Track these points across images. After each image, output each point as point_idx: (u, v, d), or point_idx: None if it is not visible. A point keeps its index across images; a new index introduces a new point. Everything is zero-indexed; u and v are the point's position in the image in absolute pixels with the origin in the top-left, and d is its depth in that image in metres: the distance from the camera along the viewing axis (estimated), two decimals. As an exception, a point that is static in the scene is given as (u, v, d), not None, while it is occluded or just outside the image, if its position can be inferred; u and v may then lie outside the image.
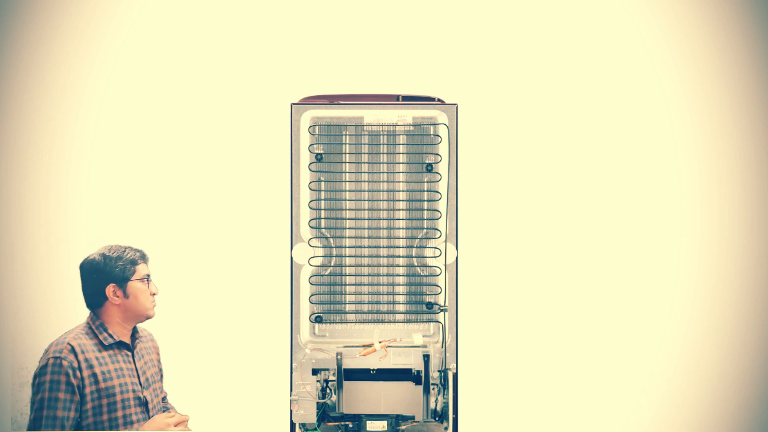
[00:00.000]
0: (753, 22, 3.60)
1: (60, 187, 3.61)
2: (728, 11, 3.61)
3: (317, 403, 2.57)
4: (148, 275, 2.52)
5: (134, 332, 2.55)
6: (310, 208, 2.63)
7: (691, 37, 3.62)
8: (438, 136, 2.63)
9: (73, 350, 2.33)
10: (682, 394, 3.62)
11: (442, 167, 2.62)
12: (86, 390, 2.32)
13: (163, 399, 2.74)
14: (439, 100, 2.67)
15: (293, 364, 2.59)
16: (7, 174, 3.57)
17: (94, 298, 2.46)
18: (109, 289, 2.44)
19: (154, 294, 2.53)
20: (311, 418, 2.56)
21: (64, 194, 3.61)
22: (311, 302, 2.63)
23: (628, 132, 3.64)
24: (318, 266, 2.64)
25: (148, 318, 2.52)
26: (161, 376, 2.70)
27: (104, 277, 2.45)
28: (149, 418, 2.47)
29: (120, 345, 2.47)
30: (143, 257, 2.53)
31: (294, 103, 2.62)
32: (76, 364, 2.31)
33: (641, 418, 3.62)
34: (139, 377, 2.48)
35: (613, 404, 3.62)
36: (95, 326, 2.44)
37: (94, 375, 2.34)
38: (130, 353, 2.49)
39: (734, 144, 3.62)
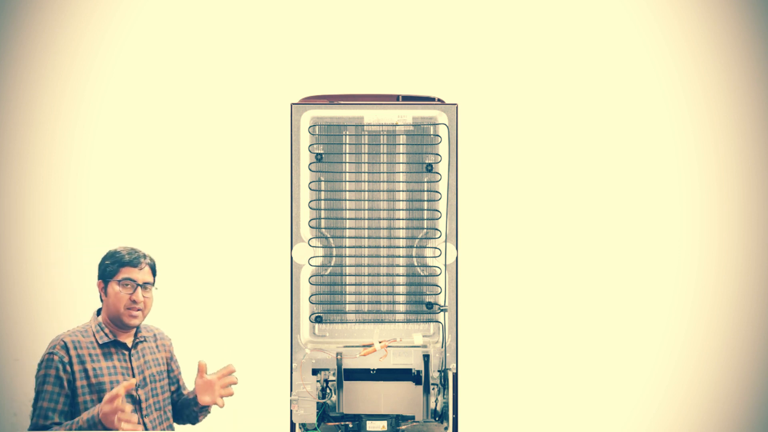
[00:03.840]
0: (753, 22, 3.60)
1: (60, 187, 3.61)
2: (728, 11, 3.61)
3: (317, 403, 2.57)
4: (129, 279, 2.48)
5: (137, 332, 2.58)
6: (310, 208, 2.63)
7: (691, 37, 3.62)
8: (438, 136, 2.62)
9: (65, 346, 2.41)
10: (682, 395, 3.62)
11: (442, 167, 2.62)
12: (77, 383, 2.40)
13: (177, 393, 2.75)
14: (439, 100, 2.67)
15: (293, 364, 2.58)
16: (7, 174, 3.57)
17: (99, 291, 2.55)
18: (99, 285, 2.54)
19: (134, 301, 2.49)
20: (311, 418, 2.55)
21: (64, 195, 3.61)
22: (311, 302, 2.63)
23: (628, 132, 3.64)
24: (318, 266, 2.64)
25: (124, 325, 2.51)
26: (175, 373, 2.75)
27: (99, 272, 2.53)
28: (141, 416, 2.50)
29: (116, 344, 2.51)
30: (133, 262, 2.49)
31: (294, 103, 2.62)
32: (66, 359, 2.39)
33: (641, 418, 3.62)
34: (134, 376, 2.51)
35: (612, 404, 3.61)
36: (94, 324, 2.51)
37: (86, 370, 2.41)
38: (127, 352, 2.53)
39: (734, 144, 3.62)
